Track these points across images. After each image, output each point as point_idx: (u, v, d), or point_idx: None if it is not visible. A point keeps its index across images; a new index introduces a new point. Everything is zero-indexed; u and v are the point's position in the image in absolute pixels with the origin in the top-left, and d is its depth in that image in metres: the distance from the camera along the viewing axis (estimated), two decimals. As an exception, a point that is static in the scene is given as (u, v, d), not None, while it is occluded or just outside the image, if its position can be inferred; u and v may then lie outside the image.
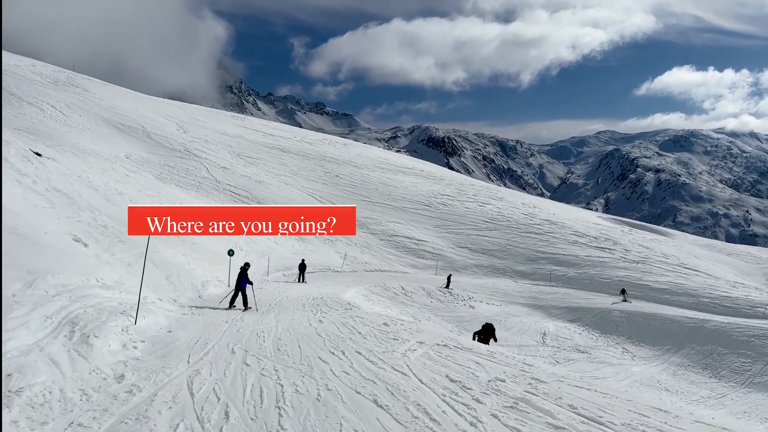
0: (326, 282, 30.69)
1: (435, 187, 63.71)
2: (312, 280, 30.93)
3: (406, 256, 47.16)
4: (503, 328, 35.32)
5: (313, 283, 29.96)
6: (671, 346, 35.61)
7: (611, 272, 46.96)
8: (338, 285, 29.72)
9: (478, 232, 53.15)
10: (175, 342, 10.26)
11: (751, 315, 40.03)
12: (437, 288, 38.90)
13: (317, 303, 17.47)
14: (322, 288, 26.02)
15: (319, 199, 53.42)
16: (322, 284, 29.48)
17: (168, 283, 14.91)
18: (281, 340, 10.94)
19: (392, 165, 70.53)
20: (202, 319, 13.01)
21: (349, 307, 16.33)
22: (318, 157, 65.80)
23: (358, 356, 9.85)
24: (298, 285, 27.65)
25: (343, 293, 24.63)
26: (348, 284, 30.51)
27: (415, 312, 31.88)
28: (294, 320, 13.58)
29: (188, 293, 15.51)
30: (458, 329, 32.93)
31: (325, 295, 22.11)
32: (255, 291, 17.26)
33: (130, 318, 10.25)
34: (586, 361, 32.77)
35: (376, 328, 12.90)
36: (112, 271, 13.25)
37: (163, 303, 12.89)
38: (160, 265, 15.64)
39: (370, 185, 60.06)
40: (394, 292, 34.37)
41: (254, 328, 12.19)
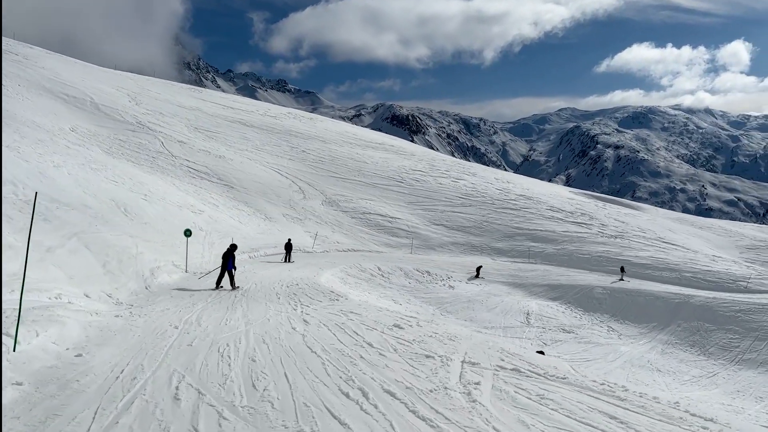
0: (297, 264, 28.04)
1: (406, 162, 61.20)
2: (282, 262, 28.26)
3: (379, 234, 44.72)
4: (485, 309, 33.47)
5: (283, 264, 27.25)
6: (657, 323, 34.35)
7: (590, 248, 45.58)
8: (311, 267, 27.11)
9: (452, 209, 51.02)
10: (80, 379, 6.50)
11: (734, 289, 39.17)
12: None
13: (294, 291, 14.77)
14: (294, 271, 23.38)
15: (285, 175, 50.31)
16: (294, 266, 26.80)
17: (104, 273, 11.81)
18: (256, 362, 7.76)
19: (361, 140, 67.61)
20: (142, 324, 9.86)
21: (335, 296, 13.62)
22: (283, 131, 62.36)
23: (393, 403, 6.27)
24: (269, 268, 24.98)
25: (319, 276, 22.08)
26: (322, 266, 27.93)
27: (394, 295, 29.57)
28: (270, 320, 10.70)
29: (131, 284, 12.52)
30: (440, 311, 30.87)
31: (300, 279, 19.50)
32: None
33: (7, 339, 6.49)
34: (573, 341, 31.21)
35: (389, 333, 10.02)
36: (14, 259, 9.64)
37: (90, 301, 9.86)
38: (97, 249, 12.57)
39: (339, 161, 57.14)
40: (371, 273, 31.95)
41: (215, 338, 9.09)
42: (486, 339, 11.67)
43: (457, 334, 10.70)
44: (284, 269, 24.14)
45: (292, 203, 45.15)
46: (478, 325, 30.52)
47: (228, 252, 16.02)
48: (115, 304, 10.68)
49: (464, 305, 33.09)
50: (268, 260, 29.11)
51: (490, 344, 10.07)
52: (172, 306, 11.60)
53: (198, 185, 39.79)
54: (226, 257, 15.78)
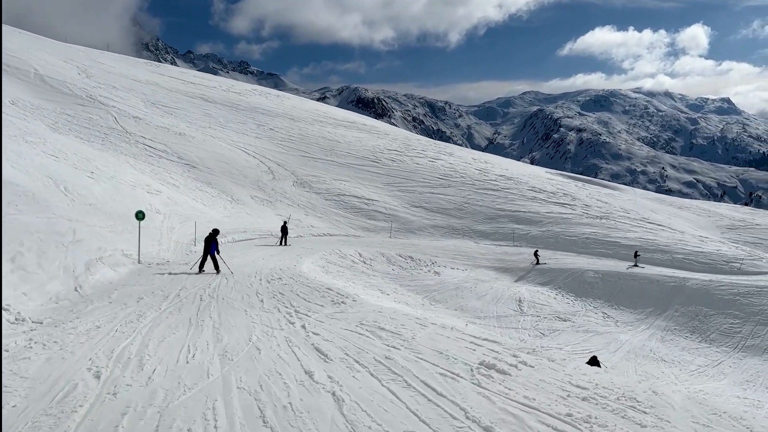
0: (272, 251, 24.88)
1: (380, 142, 58.09)
2: (254, 248, 25.05)
3: (356, 217, 41.71)
4: (475, 297, 31.07)
5: (256, 252, 24.06)
6: (653, 309, 32.58)
7: (576, 229, 43.56)
8: (287, 254, 24.02)
9: (431, 190, 48.32)
10: None
11: (728, 271, 37.66)
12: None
13: (279, 288, 11.55)
14: (270, 260, 20.24)
15: (253, 155, 46.64)
16: (268, 253, 23.65)
17: (10, 270, 8.21)
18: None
19: (332, 118, 64.09)
20: (34, 372, 5.86)
21: (338, 297, 10.16)
22: (248, 108, 58.35)
23: None
24: (239, 256, 21.80)
25: (300, 265, 19.03)
26: (299, 253, 24.86)
27: (380, 283, 26.73)
28: (260, 351, 6.96)
29: (53, 285, 8.79)
30: (428, 301, 28.24)
31: (280, 270, 16.44)
32: (182, 272, 11.32)
33: None
34: (571, 330, 29.10)
35: (490, 386, 6.21)
36: None
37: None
38: (7, 237, 8.94)
39: (310, 139, 53.64)
40: (352, 260, 29.02)
41: (165, 409, 5.20)
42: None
43: (636, 393, 6.35)
44: (258, 257, 20.98)
45: (260, 184, 41.69)
46: (470, 315, 28.08)
47: (210, 236, 15.88)
48: (12, 323, 6.96)
49: (452, 293, 30.59)
50: (237, 247, 25.85)
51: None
52: (106, 321, 7.99)
53: (156, 164, 36.00)
54: (209, 241, 15.69)
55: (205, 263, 15.51)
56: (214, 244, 15.66)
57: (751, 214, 68.25)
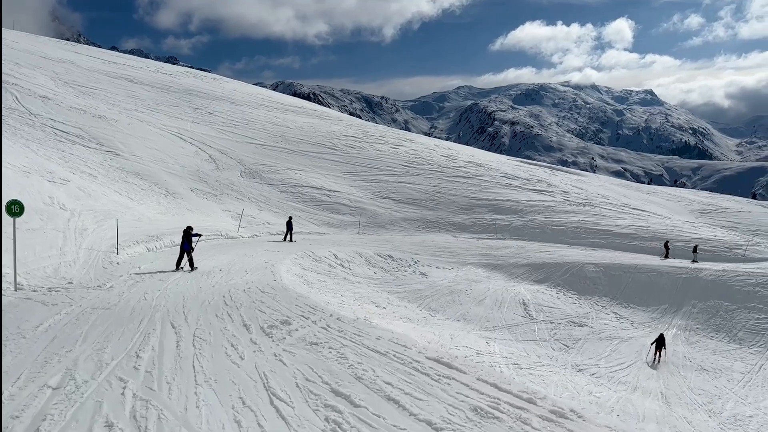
0: (227, 256, 18.72)
1: (335, 128, 52.09)
2: (203, 252, 18.74)
3: (317, 211, 35.74)
4: (474, 301, 25.95)
5: (209, 257, 17.83)
6: (668, 305, 28.51)
7: (562, 218, 39.34)
8: (249, 259, 17.96)
9: (398, 179, 42.92)
10: None
11: (732, 258, 34.43)
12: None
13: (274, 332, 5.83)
14: (233, 271, 14.18)
15: (190, 141, 39.65)
16: (224, 260, 17.55)
17: None
18: None
19: (278, 103, 57.43)
20: None
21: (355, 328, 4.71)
22: (182, 90, 50.90)
23: None
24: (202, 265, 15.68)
25: (276, 275, 13.14)
26: (266, 258, 18.79)
27: (369, 293, 21.03)
28: None
29: None
30: (427, 311, 22.85)
31: (254, 285, 10.58)
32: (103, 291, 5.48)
33: None
34: (593, 338, 24.46)
35: None
36: None
37: None
38: None
39: (256, 125, 46.97)
40: (329, 263, 23.19)
41: None
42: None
43: None
44: (216, 267, 14.84)
45: (201, 175, 34.97)
46: (476, 325, 22.93)
47: (184, 233, 15.73)
48: None
49: (448, 299, 25.36)
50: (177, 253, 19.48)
51: None
52: None
53: (68, 150, 28.75)
54: (183, 239, 15.61)
55: (181, 261, 15.36)
56: (187, 242, 15.43)
57: (710, 197, 67.14)
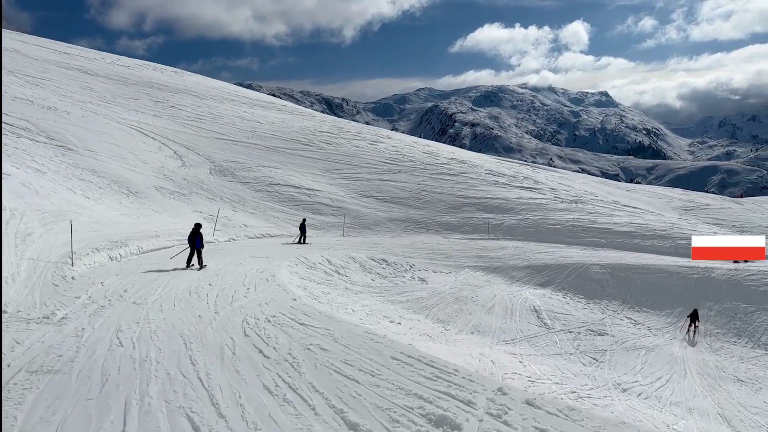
0: (211, 266, 15.52)
1: (308, 123, 48.87)
2: (182, 263, 15.46)
3: (297, 211, 32.54)
4: (483, 310, 23.41)
5: (197, 273, 14.59)
6: (683, 308, 26.51)
7: (557, 216, 37.21)
8: (240, 269, 14.83)
9: (380, 176, 40.05)
10: None
11: (738, 257, 32.90)
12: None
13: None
14: (229, 288, 11.09)
15: (152, 135, 35.85)
16: (210, 270, 14.35)
17: None
18: None
19: (245, 98, 53.76)
20: None
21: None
22: (141, 83, 46.78)
23: None
24: (167, 276, 12.44)
25: (284, 289, 10.15)
26: (255, 267, 15.67)
27: (378, 306, 18.11)
28: None
29: None
30: (438, 324, 20.12)
31: (265, 305, 7.61)
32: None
33: None
34: (619, 348, 22.22)
35: None
36: None
37: None
38: None
39: (224, 119, 43.36)
40: (324, 270, 20.20)
41: None
42: None
43: None
44: (204, 280, 11.70)
45: (167, 172, 31.33)
46: (493, 338, 20.32)
47: (194, 231, 15.51)
48: None
49: (455, 307, 22.74)
50: (151, 261, 16.11)
51: None
52: None
53: (11, 144, 24.79)
54: (193, 237, 15.43)
55: (192, 259, 15.28)
56: (198, 239, 15.37)
57: (685, 194, 66.76)
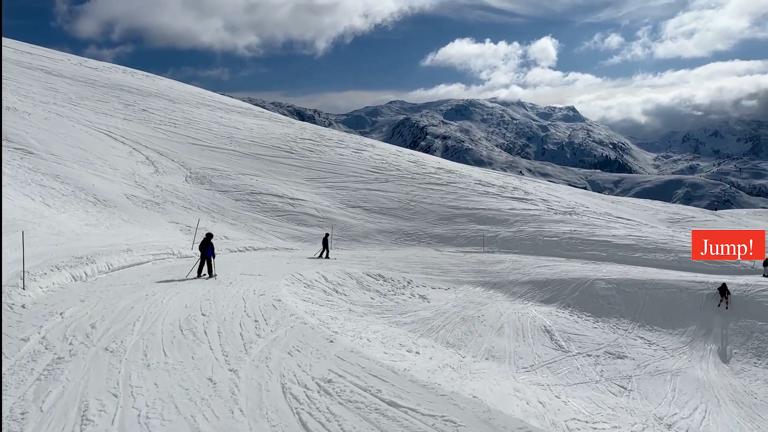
0: (197, 287, 13.15)
1: (288, 130, 46.53)
2: (159, 282, 13.04)
3: (281, 222, 30.15)
4: (492, 331, 21.51)
5: (172, 291, 12.19)
6: (696, 326, 24.95)
7: (552, 228, 35.57)
8: (233, 291, 12.51)
9: (366, 186, 37.92)
10: None
11: (743, 271, 31.43)
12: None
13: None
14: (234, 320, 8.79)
15: (121, 140, 33.06)
16: (199, 293, 11.99)
17: None
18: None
19: (221, 103, 51.16)
20: None
21: None
22: (110, 85, 43.83)
23: None
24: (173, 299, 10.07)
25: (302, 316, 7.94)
26: (251, 287, 13.35)
27: (382, 328, 15.91)
28: None
29: None
30: (442, 344, 18.05)
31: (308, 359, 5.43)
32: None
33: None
34: (642, 373, 20.51)
35: None
36: None
37: None
38: None
39: (199, 124, 40.72)
40: (323, 289, 17.97)
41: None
42: None
43: None
44: (194, 307, 9.38)
45: (138, 179, 28.64)
46: (511, 365, 18.31)
47: (205, 241, 15.69)
48: None
49: (463, 329, 20.73)
50: (124, 281, 13.64)
51: None
52: None
53: (-39, 145, 21.94)
54: (204, 247, 15.61)
55: (203, 268, 15.29)
56: (210, 249, 15.44)
57: (667, 206, 66.54)
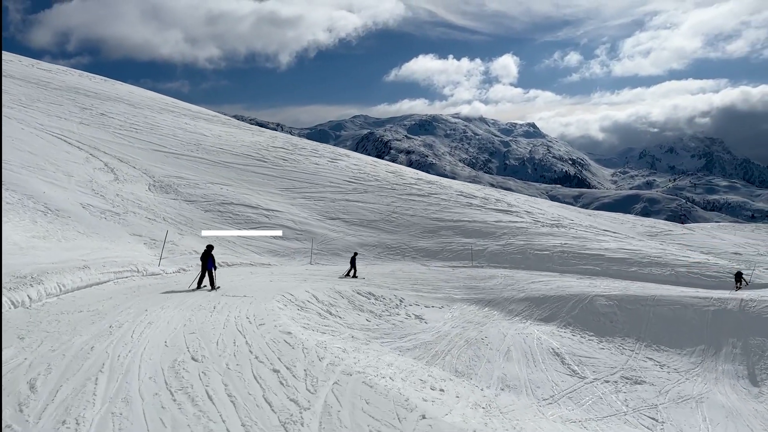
0: (174, 314, 10.64)
1: (259, 138, 43.88)
2: (121, 300, 10.47)
3: (255, 235, 27.49)
4: (500, 356, 19.54)
5: (140, 323, 9.64)
6: (704, 346, 23.40)
7: (542, 241, 33.95)
8: (219, 318, 10.07)
9: (345, 196, 35.59)
10: None
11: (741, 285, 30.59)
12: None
13: None
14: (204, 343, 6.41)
15: (77, 145, 29.95)
16: (177, 320, 9.50)
17: None
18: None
19: (186, 109, 48.15)
20: None
21: None
22: (65, 87, 40.46)
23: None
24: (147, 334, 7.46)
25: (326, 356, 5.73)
26: (243, 312, 10.91)
27: (394, 359, 13.63)
28: None
29: None
30: (448, 371, 15.89)
31: None
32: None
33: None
34: (667, 401, 18.70)
35: None
36: None
37: None
38: None
39: (163, 130, 37.74)
40: (317, 311, 15.49)
41: None
42: None
43: None
44: (177, 347, 6.93)
45: (96, 187, 25.66)
46: (531, 396, 16.23)
47: (206, 253, 15.86)
48: None
49: (469, 353, 18.63)
50: (79, 307, 11.02)
51: None
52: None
53: None
54: (205, 258, 15.75)
55: (203, 280, 15.43)
56: (211, 260, 15.55)
57: (640, 220, 66.29)
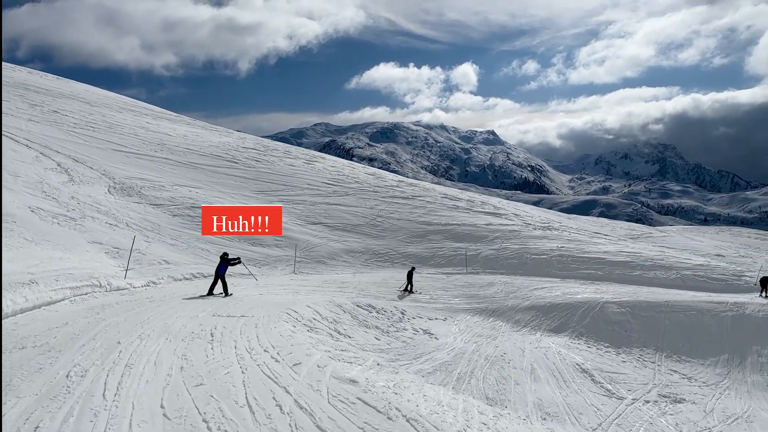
0: (147, 346, 7.88)
1: (227, 139, 40.75)
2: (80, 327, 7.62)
3: (232, 243, 24.53)
4: (527, 376, 17.65)
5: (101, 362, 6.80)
6: (728, 355, 21.75)
7: (538, 244, 31.95)
8: (206, 344, 7.38)
9: (325, 199, 32.87)
10: None
11: (746, 289, 29.19)
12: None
13: None
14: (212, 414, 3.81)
15: (26, 143, 26.40)
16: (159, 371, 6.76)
17: None
18: None
19: (146, 109, 44.58)
20: None
21: None
22: (12, 84, 36.54)
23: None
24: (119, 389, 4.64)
25: None
26: (228, 333, 8.21)
27: (433, 392, 11.08)
28: None
29: None
30: (479, 399, 13.47)
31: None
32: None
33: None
34: (718, 422, 17.28)
35: None
36: None
37: None
38: None
39: (123, 129, 34.26)
40: (327, 332, 12.77)
41: None
42: None
43: None
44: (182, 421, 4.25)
45: (47, 189, 22.32)
46: (575, 425, 13.94)
47: (221, 260, 16.11)
48: None
49: (495, 375, 16.46)
50: (22, 337, 8.12)
51: None
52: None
53: None
54: (218, 265, 15.92)
55: (215, 287, 15.62)
56: (224, 266, 15.72)
57: (616, 223, 65.55)
